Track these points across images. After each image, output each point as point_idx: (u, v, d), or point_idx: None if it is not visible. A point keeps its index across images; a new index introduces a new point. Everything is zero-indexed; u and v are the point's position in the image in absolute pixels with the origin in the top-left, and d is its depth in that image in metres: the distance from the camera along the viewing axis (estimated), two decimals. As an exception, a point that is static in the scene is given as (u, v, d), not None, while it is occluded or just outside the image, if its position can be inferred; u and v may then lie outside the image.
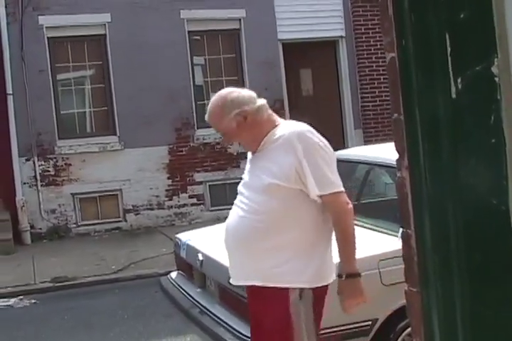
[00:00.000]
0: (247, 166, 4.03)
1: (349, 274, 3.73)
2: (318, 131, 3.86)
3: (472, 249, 1.66)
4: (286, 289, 3.68)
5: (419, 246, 1.87)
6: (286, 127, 3.85)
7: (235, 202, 4.01)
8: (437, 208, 1.75)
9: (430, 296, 1.82)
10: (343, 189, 3.74)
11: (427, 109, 1.74)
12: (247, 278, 3.87)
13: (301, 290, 3.69)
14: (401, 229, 4.70)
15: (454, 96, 1.66)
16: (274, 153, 3.76)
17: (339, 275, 3.76)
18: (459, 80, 1.63)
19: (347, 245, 3.73)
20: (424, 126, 1.76)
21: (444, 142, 1.69)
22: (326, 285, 3.79)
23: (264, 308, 3.81)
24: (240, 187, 3.99)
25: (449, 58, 1.65)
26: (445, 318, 1.77)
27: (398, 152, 1.97)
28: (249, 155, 4.04)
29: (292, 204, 3.71)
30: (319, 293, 3.77)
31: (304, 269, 3.70)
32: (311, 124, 3.94)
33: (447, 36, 1.63)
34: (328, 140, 3.93)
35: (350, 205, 3.75)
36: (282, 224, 3.70)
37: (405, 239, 2.00)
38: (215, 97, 4.04)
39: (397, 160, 1.98)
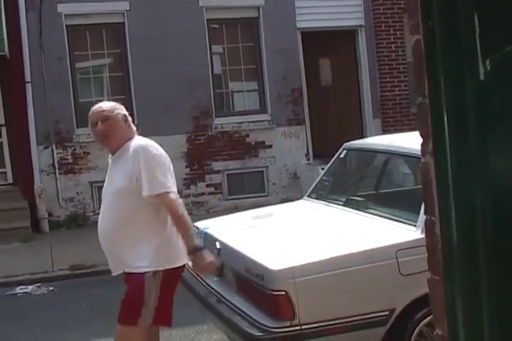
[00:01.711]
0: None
1: (194, 250, 4.53)
2: (336, 120, 3.88)
3: (500, 236, 1.62)
4: (142, 273, 4.54)
5: (443, 234, 1.82)
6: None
7: (102, 204, 4.82)
8: (463, 194, 1.70)
9: (454, 285, 1.77)
10: (171, 189, 4.54)
11: (454, 91, 1.69)
12: (117, 267, 4.73)
13: (155, 272, 4.54)
14: (421, 217, 4.69)
15: (482, 78, 1.62)
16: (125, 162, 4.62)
17: (189, 253, 4.55)
18: (488, 62, 1.58)
19: (182, 230, 4.53)
20: (451, 110, 1.71)
21: (471, 126, 1.64)
22: (177, 267, 4.65)
23: (128, 287, 4.68)
24: (104, 188, 4.84)
25: (478, 39, 1.60)
26: (470, 308, 1.72)
27: (422, 137, 1.92)
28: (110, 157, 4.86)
29: (135, 204, 4.54)
30: (170, 274, 4.60)
31: (151, 254, 4.56)
32: (329, 113, 3.93)
33: (476, 17, 1.59)
34: (346, 129, 3.94)
35: (179, 200, 4.59)
36: (129, 221, 4.56)
37: (429, 226, 1.95)
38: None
39: (421, 146, 1.93)
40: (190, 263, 4.72)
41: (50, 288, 9.20)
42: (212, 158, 13.63)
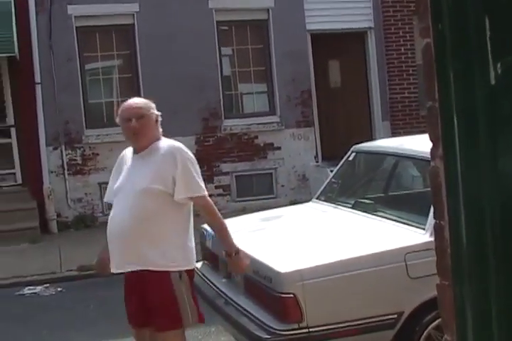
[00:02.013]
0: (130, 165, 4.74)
1: (233, 252, 4.57)
2: (345, 122, 3.92)
3: (509, 239, 1.60)
4: (168, 272, 4.49)
5: (452, 238, 1.81)
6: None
7: (117, 200, 4.68)
8: (473, 198, 1.69)
9: (464, 290, 1.76)
10: (206, 193, 4.61)
11: (464, 95, 1.68)
12: (129, 265, 4.58)
13: (180, 272, 4.52)
14: (430, 220, 4.68)
15: (493, 82, 1.60)
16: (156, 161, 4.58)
17: (229, 255, 4.60)
18: (499, 65, 1.57)
19: (222, 232, 4.66)
20: (461, 114, 1.70)
21: (481, 130, 1.63)
22: (193, 269, 4.70)
23: (151, 288, 4.54)
24: (121, 185, 4.69)
25: (489, 42, 1.59)
26: (479, 313, 1.71)
27: (432, 141, 1.91)
28: (129, 158, 4.78)
29: (162, 204, 4.49)
30: (190, 275, 4.62)
31: (178, 255, 4.54)
32: (338, 115, 3.95)
33: (487, 20, 1.57)
34: (355, 131, 3.96)
35: (212, 203, 4.65)
36: (155, 220, 4.48)
37: (438, 230, 1.94)
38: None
39: (431, 149, 1.92)
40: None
41: (58, 289, 9.21)
42: (221, 159, 13.63)
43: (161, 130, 4.78)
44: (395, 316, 4.72)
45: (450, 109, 1.72)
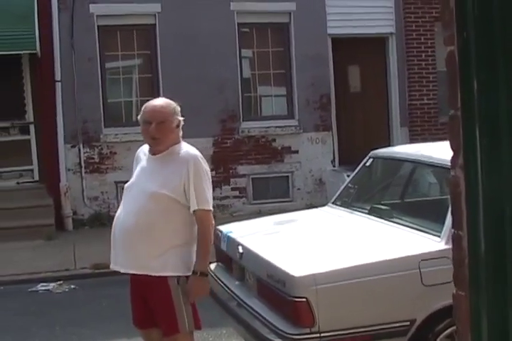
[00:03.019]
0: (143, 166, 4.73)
1: (201, 272, 4.52)
2: (364, 127, 3.92)
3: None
4: (166, 277, 4.51)
5: (471, 248, 1.79)
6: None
7: (126, 198, 4.76)
8: (493, 209, 1.67)
9: (480, 301, 1.74)
10: (211, 208, 4.57)
11: (488, 104, 1.67)
12: (132, 267, 4.63)
13: (178, 277, 4.52)
14: (445, 228, 4.66)
15: (517, 91, 1.59)
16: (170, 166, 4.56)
17: (194, 272, 4.52)
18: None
19: (203, 251, 4.54)
20: (483, 123, 1.68)
21: (504, 139, 1.61)
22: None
23: (150, 293, 4.62)
24: (132, 185, 4.72)
25: (514, 52, 1.57)
26: (495, 325, 1.69)
27: (453, 150, 1.89)
28: (145, 155, 4.75)
29: (171, 210, 4.50)
30: None
31: (177, 261, 4.53)
32: (356, 120, 3.95)
33: (513, 28, 1.56)
34: (373, 137, 3.96)
35: (213, 221, 4.60)
36: (162, 225, 4.48)
37: (456, 240, 1.92)
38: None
39: (452, 158, 1.90)
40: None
41: (72, 286, 9.25)
42: (238, 161, 13.63)
43: (181, 133, 4.72)
44: (408, 323, 4.70)
45: (473, 118, 1.71)
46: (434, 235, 4.93)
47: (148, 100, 4.92)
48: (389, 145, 12.05)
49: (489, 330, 1.72)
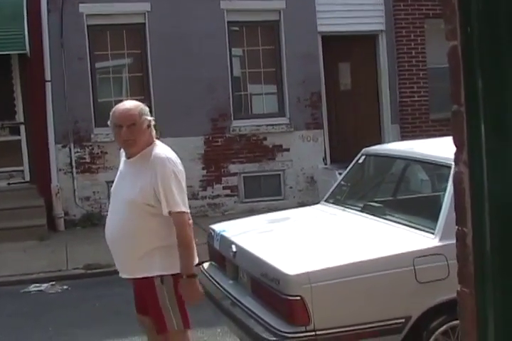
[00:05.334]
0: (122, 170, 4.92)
1: (188, 275, 4.56)
2: (355, 125, 3.91)
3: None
4: (151, 278, 4.62)
5: (476, 245, 1.77)
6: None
7: (111, 204, 4.92)
8: (499, 205, 1.65)
9: (486, 298, 1.72)
10: (185, 209, 4.59)
11: (492, 99, 1.65)
12: (123, 271, 4.82)
13: (162, 277, 4.60)
14: (439, 224, 4.66)
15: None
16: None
17: (183, 276, 4.57)
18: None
19: (185, 253, 4.59)
20: (488, 118, 1.66)
21: (510, 134, 1.60)
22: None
23: (139, 293, 4.86)
24: (114, 190, 4.95)
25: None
26: (503, 323, 1.67)
27: (456, 146, 1.87)
28: (123, 157, 4.92)
29: (148, 214, 4.58)
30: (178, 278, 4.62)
31: (159, 261, 4.61)
32: (347, 118, 3.95)
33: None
34: (365, 134, 3.95)
35: (190, 221, 4.63)
36: (142, 229, 4.59)
37: (460, 237, 1.90)
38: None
39: (455, 154, 1.88)
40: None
41: (64, 287, 9.22)
42: (229, 160, 13.61)
43: (154, 133, 4.76)
44: (403, 320, 4.70)
45: (477, 113, 1.68)
46: (428, 232, 4.93)
47: (138, 99, 4.95)
48: (380, 143, 12.06)
49: (496, 329, 1.70)
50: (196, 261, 4.77)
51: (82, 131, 12.95)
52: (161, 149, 4.68)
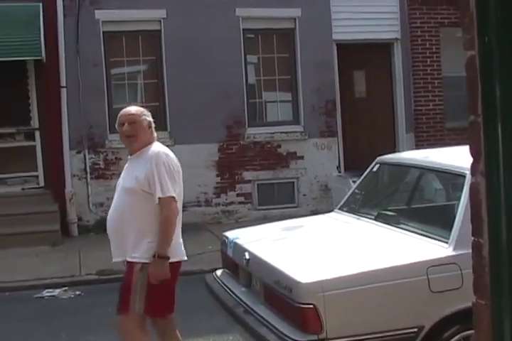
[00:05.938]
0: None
1: (160, 255, 5.00)
2: (369, 133, 3.90)
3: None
4: (134, 263, 5.09)
5: (492, 257, 1.75)
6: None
7: (114, 197, 5.38)
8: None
9: (503, 310, 1.69)
10: (175, 197, 5.11)
11: (510, 110, 1.64)
12: (117, 255, 5.32)
13: (143, 264, 5.05)
14: (453, 234, 4.63)
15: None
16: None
17: (153, 255, 5.01)
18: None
19: (163, 235, 5.03)
20: (506, 129, 1.65)
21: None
22: (172, 263, 5.09)
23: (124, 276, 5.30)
24: (117, 184, 5.42)
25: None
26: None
27: (473, 156, 1.85)
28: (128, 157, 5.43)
29: (140, 202, 5.07)
30: (175, 267, 5.17)
31: (146, 249, 5.06)
32: (362, 126, 3.94)
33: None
34: (379, 142, 3.94)
35: (178, 210, 5.15)
36: (133, 216, 5.07)
37: (476, 248, 1.88)
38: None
39: (472, 165, 1.86)
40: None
41: (77, 292, 9.23)
42: (243, 167, 13.62)
43: (155, 135, 5.36)
44: (415, 330, 4.66)
45: (495, 124, 1.67)
46: (442, 241, 4.90)
47: (153, 106, 5.22)
48: (394, 151, 12.03)
49: (512, 340, 1.68)
50: (184, 258, 5.28)
51: (97, 137, 12.99)
52: (159, 147, 5.25)
